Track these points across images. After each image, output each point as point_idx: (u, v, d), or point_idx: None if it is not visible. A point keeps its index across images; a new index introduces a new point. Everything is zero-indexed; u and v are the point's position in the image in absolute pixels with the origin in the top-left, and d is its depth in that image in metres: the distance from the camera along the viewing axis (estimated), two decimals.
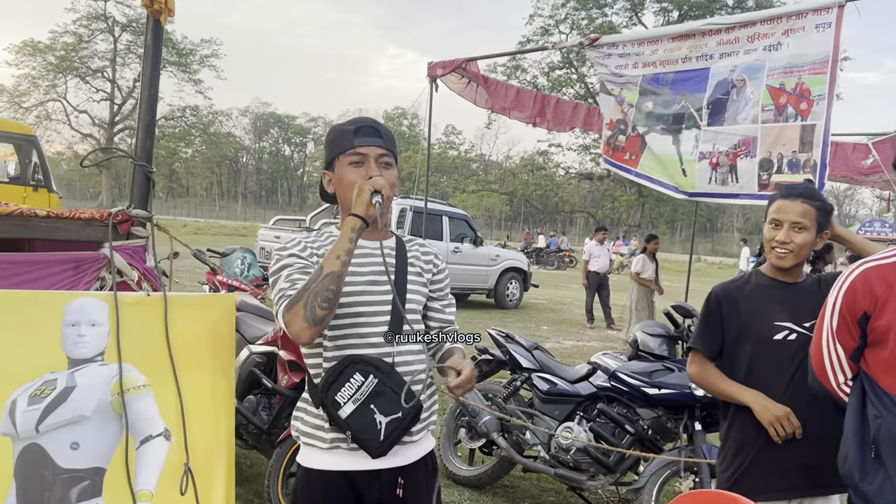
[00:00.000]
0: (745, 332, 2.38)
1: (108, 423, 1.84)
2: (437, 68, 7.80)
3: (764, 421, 2.26)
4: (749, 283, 2.46)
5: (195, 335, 1.98)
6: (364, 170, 1.86)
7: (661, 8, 44.21)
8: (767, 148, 5.43)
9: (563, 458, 4.04)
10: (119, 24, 45.99)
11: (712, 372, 2.45)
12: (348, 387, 1.77)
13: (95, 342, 1.83)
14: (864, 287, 1.89)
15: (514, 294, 14.54)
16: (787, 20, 5.38)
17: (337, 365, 1.80)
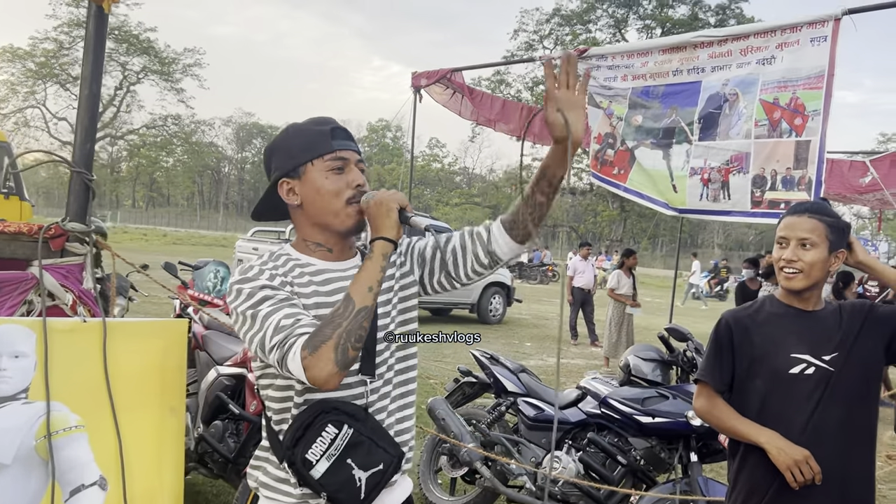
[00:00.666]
0: (758, 365, 2.16)
1: (31, 472, 1.58)
2: (421, 78, 7.61)
3: (780, 465, 2.03)
4: (763, 310, 2.24)
5: (140, 368, 1.73)
6: (346, 176, 1.62)
7: (645, 25, 44.60)
8: (761, 164, 5.27)
9: (550, 489, 3.81)
10: None
11: (722, 407, 2.22)
12: (320, 442, 1.51)
13: (18, 377, 1.58)
14: None
15: (497, 309, 14.33)
16: (782, 33, 5.23)
17: (303, 415, 1.54)
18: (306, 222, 1.66)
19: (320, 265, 1.64)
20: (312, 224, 1.65)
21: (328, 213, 1.61)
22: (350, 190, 1.61)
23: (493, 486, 4.01)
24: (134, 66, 48.31)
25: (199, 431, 3.82)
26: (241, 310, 1.52)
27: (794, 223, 2.16)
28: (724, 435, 2.26)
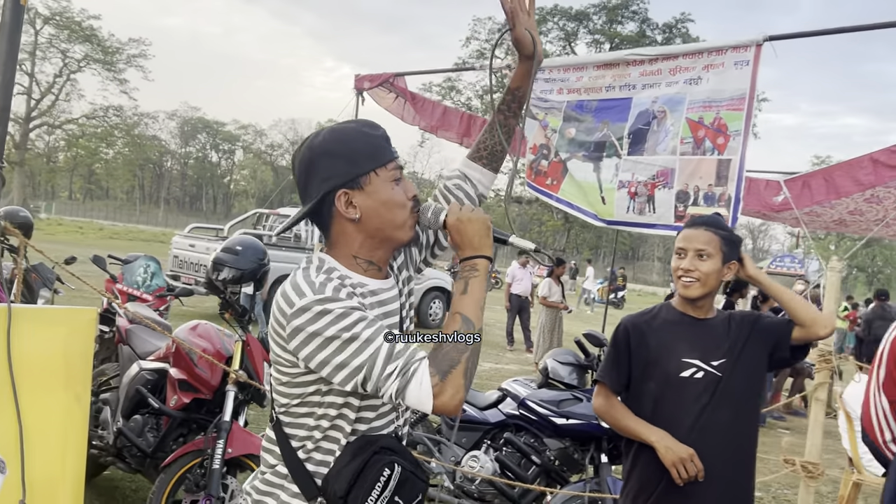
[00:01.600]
0: (652, 368, 2.30)
1: None
2: (364, 81, 7.65)
3: (667, 462, 2.17)
4: (659, 316, 2.39)
5: (45, 354, 1.76)
6: (404, 185, 1.54)
7: (594, 40, 45.46)
8: (685, 180, 5.49)
9: (467, 488, 3.91)
10: (41, 16, 44.18)
11: (618, 407, 2.36)
12: (377, 488, 1.42)
13: None
14: None
15: (436, 314, 14.43)
16: (708, 55, 5.46)
17: (352, 459, 1.44)
18: (361, 237, 1.52)
19: (373, 285, 1.54)
20: (370, 238, 1.53)
21: (394, 225, 1.52)
22: (410, 201, 1.55)
23: None
24: (75, 53, 46.93)
25: (118, 425, 3.80)
26: (329, 333, 1.37)
27: (691, 235, 2.31)
28: (619, 433, 2.39)
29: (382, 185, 1.49)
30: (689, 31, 44.63)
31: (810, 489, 3.63)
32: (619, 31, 44.00)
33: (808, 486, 3.62)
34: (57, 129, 53.21)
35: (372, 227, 1.51)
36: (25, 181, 49.83)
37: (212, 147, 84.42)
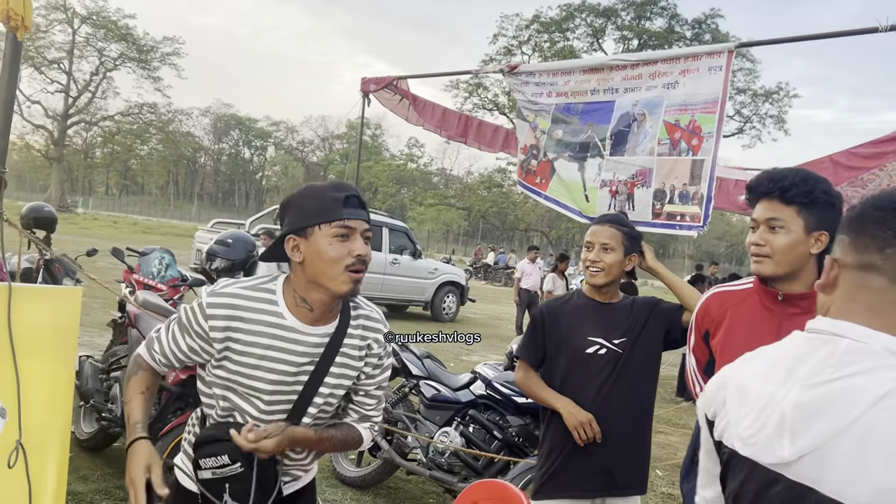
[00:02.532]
0: (562, 345, 2.64)
1: None
2: (370, 84, 8.04)
3: (569, 425, 2.52)
4: (571, 301, 2.74)
5: (38, 324, 2.16)
6: (350, 244, 1.73)
7: (622, 36, 45.26)
8: (662, 179, 5.78)
9: (438, 461, 4.27)
10: (79, 15, 45.40)
11: (534, 379, 2.71)
12: (214, 460, 1.74)
13: None
14: (707, 308, 2.16)
15: (450, 307, 14.80)
16: (685, 61, 5.74)
17: (216, 430, 1.78)
18: (303, 278, 1.76)
19: (291, 322, 1.77)
20: (308, 282, 1.75)
21: (325, 276, 1.72)
22: (350, 258, 1.72)
23: (390, 458, 4.48)
24: (111, 52, 48.12)
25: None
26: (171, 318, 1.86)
27: (597, 231, 2.66)
28: (535, 401, 2.74)
29: (322, 238, 1.72)
30: (718, 27, 44.18)
31: None
32: (647, 27, 43.71)
33: None
34: (94, 125, 54.66)
35: (310, 271, 1.74)
36: (64, 177, 51.25)
37: (244, 143, 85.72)
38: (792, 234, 1.91)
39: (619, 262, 2.62)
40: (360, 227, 1.75)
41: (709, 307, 2.18)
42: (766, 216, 1.95)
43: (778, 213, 1.92)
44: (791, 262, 1.93)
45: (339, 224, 1.71)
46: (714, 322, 2.14)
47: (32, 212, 6.07)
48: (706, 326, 2.18)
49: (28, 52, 44.52)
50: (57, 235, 6.47)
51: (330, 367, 1.82)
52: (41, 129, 48.87)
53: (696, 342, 2.22)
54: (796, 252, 1.92)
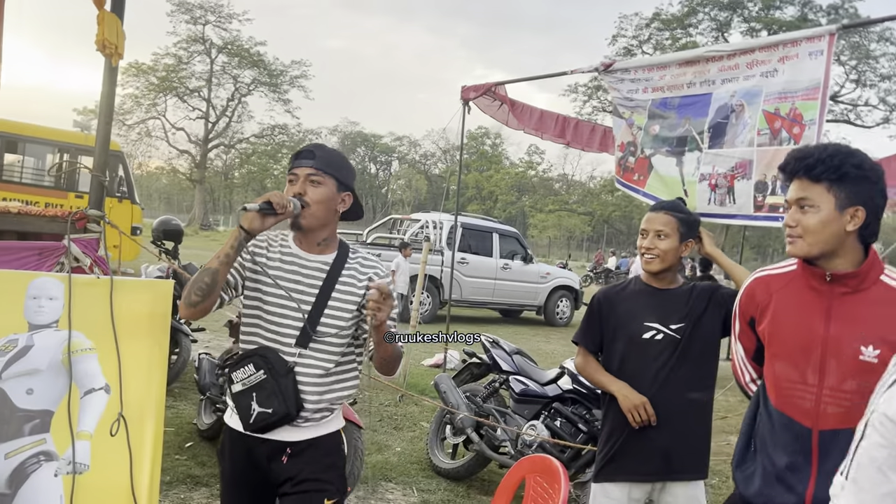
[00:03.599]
0: (619, 331, 2.68)
1: (59, 376, 2.34)
2: (469, 91, 8.24)
3: (623, 408, 2.56)
4: (628, 288, 2.78)
5: (135, 312, 2.47)
6: (294, 186, 2.16)
7: (749, 28, 43.31)
8: (762, 170, 5.60)
9: (526, 453, 4.35)
10: (216, 46, 48.70)
11: (593, 364, 2.77)
12: (242, 372, 2.14)
13: (52, 312, 2.35)
14: (751, 294, 2.10)
15: (564, 312, 14.72)
16: (783, 47, 5.56)
17: (246, 351, 2.18)
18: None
19: (294, 250, 2.23)
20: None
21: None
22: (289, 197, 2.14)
23: (482, 451, 4.61)
24: (245, 78, 51.22)
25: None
26: None
27: (652, 218, 2.70)
28: (595, 386, 2.80)
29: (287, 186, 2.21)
30: (857, 11, 41.31)
31: None
32: (777, 17, 41.55)
33: None
34: (231, 148, 58.25)
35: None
36: (206, 197, 55.00)
37: (370, 159, 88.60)
38: (822, 213, 1.84)
39: (675, 249, 2.63)
40: (302, 173, 2.16)
41: (753, 292, 2.10)
42: (795, 196, 1.89)
43: (806, 192, 1.86)
44: (826, 240, 1.85)
45: (290, 173, 2.19)
46: (759, 308, 2.06)
47: (161, 225, 6.68)
48: (751, 313, 2.10)
49: (172, 84, 48.24)
50: (197, 250, 7.08)
51: (333, 288, 2.19)
52: (185, 153, 52.63)
53: (742, 329, 2.14)
54: (830, 230, 1.84)
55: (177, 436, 5.05)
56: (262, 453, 2.18)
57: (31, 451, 2.30)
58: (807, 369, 1.89)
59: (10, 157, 14.24)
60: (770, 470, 1.95)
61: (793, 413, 1.91)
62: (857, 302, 1.86)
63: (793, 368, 1.92)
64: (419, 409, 6.54)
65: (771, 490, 1.94)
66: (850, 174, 1.83)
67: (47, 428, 2.32)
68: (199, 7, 46.56)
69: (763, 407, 2.04)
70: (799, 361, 1.90)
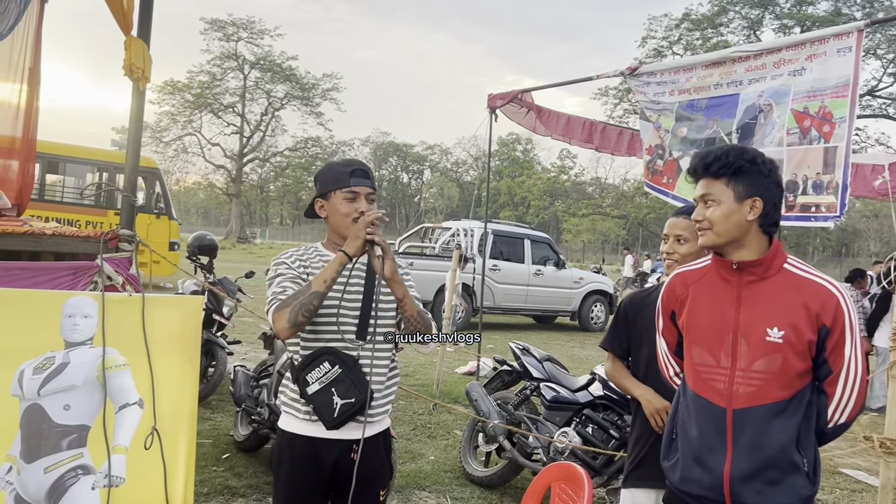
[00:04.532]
0: (644, 336, 2.68)
1: (94, 392, 2.42)
2: (496, 100, 8.26)
3: (646, 412, 2.56)
4: (654, 293, 2.77)
5: (166, 329, 2.54)
6: (356, 205, 2.32)
7: (781, 25, 42.68)
8: (793, 170, 5.53)
9: (558, 460, 4.35)
10: (248, 62, 49.46)
11: (621, 370, 2.77)
12: (317, 371, 2.23)
13: (86, 330, 2.43)
14: (672, 289, 2.22)
15: (598, 317, 14.63)
16: (811, 45, 5.49)
17: (313, 352, 2.25)
18: (330, 229, 2.39)
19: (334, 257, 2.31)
20: (333, 230, 2.38)
21: (342, 226, 2.32)
22: (356, 213, 2.30)
23: (514, 458, 4.62)
24: (277, 92, 51.90)
25: (269, 403, 4.68)
26: (267, 278, 2.32)
27: (673, 223, 2.70)
28: (622, 391, 2.80)
29: (337, 199, 2.33)
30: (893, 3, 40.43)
31: (891, 466, 3.70)
32: (810, 12, 40.88)
33: (888, 464, 3.70)
34: (266, 162, 59.04)
35: (332, 224, 2.37)
36: (242, 210, 55.77)
37: (402, 168, 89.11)
38: (724, 206, 2.00)
39: (695, 253, 2.63)
40: (363, 192, 2.33)
41: (673, 287, 2.21)
42: (699, 193, 2.06)
43: (709, 189, 2.03)
44: (729, 230, 2.00)
45: (349, 189, 2.32)
46: (679, 301, 2.17)
47: (197, 240, 6.82)
48: (671, 307, 2.21)
49: (206, 100, 49.11)
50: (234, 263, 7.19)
51: (376, 282, 2.32)
52: (221, 168, 53.48)
53: (665, 324, 2.25)
54: (732, 221, 1.99)
55: (214, 447, 5.14)
56: (330, 454, 2.27)
57: (70, 465, 2.37)
58: (720, 353, 2.03)
59: (51, 178, 14.67)
60: (688, 453, 2.07)
61: (708, 395, 2.04)
62: (764, 288, 2.02)
63: (708, 353, 2.05)
64: (452, 418, 6.56)
65: (691, 473, 2.05)
66: (744, 168, 2.00)
67: (84, 442, 2.40)
68: (231, 24, 47.41)
69: (682, 395, 2.15)
70: (714, 346, 2.04)
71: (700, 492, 2.03)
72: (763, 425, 1.95)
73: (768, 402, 1.95)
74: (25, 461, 2.32)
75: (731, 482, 1.96)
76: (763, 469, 1.94)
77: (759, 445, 1.94)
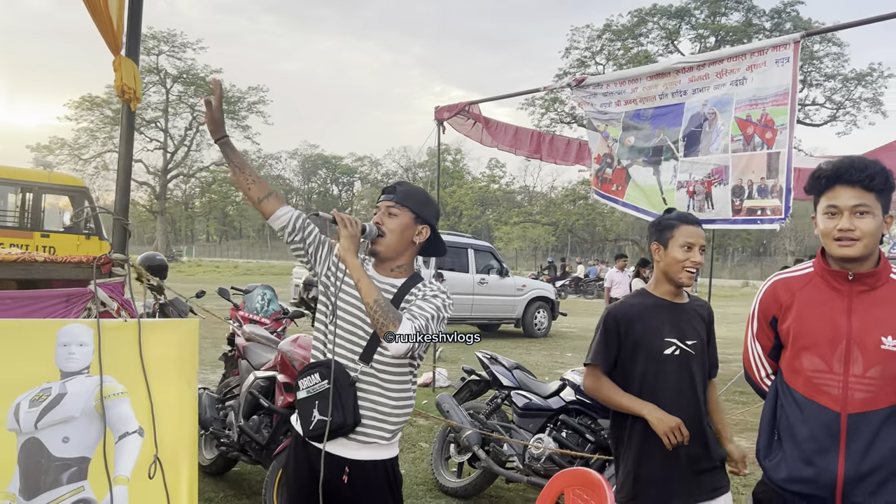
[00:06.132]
0: (638, 348, 2.62)
1: (93, 422, 2.34)
2: (443, 112, 8.35)
3: (659, 431, 2.48)
4: (639, 303, 2.77)
5: (164, 353, 2.48)
6: (377, 217, 2.43)
7: (697, 35, 44.31)
8: (738, 175, 5.78)
9: (534, 466, 4.41)
10: (170, 76, 48.20)
11: (607, 385, 2.66)
12: (308, 380, 2.32)
13: (82, 358, 2.35)
14: (773, 295, 2.27)
15: (542, 323, 14.84)
16: (751, 56, 5.75)
17: (314, 362, 2.36)
18: None
19: (371, 272, 2.41)
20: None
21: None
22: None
23: (489, 467, 4.65)
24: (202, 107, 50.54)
25: (240, 425, 4.59)
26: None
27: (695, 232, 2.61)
28: (610, 407, 2.72)
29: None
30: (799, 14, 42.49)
31: None
32: (723, 23, 42.64)
33: None
34: (191, 177, 57.54)
35: None
36: (167, 228, 54.20)
37: (332, 181, 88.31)
38: (877, 218, 2.06)
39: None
40: (383, 206, 2.42)
41: (776, 293, 2.26)
42: (852, 203, 2.05)
43: (864, 199, 2.05)
44: (875, 243, 2.08)
45: (376, 206, 2.46)
46: (783, 307, 2.22)
47: (146, 261, 6.61)
48: (773, 312, 2.25)
49: None
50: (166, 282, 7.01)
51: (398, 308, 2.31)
52: (144, 185, 51.86)
53: (761, 328, 2.30)
54: (878, 234, 2.07)
55: None
56: (325, 467, 2.27)
57: (70, 499, 2.29)
58: (832, 359, 2.09)
59: None
60: (796, 455, 2.12)
61: (821, 399, 2.10)
62: (875, 298, 2.10)
63: (819, 359, 2.11)
64: (416, 430, 6.56)
65: (800, 473, 2.11)
66: (889, 186, 2.08)
67: (85, 475, 2.31)
68: (151, 38, 46.05)
69: (786, 399, 2.21)
70: (825, 353, 2.10)
71: (810, 491, 2.09)
72: (878, 429, 2.02)
73: (883, 406, 2.03)
74: (25, 498, 2.23)
75: (845, 483, 2.04)
76: (876, 470, 2.02)
77: (873, 448, 2.02)
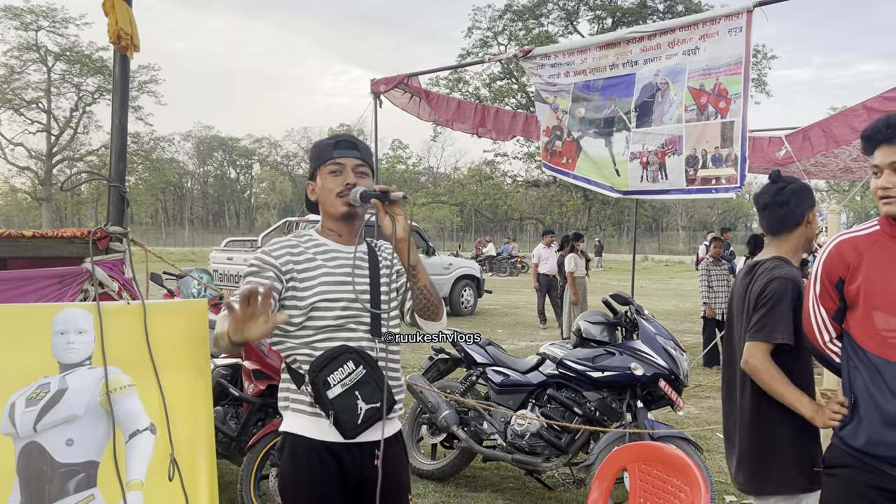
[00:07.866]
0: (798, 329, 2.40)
1: (99, 421, 2.03)
2: (380, 84, 8.03)
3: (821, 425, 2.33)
4: (797, 272, 2.57)
5: (172, 339, 2.18)
6: (342, 178, 2.07)
7: (595, 16, 45.31)
8: (692, 145, 5.81)
9: (518, 443, 4.30)
10: (52, 53, 45.09)
11: (775, 370, 2.43)
12: (340, 372, 1.98)
13: (83, 348, 2.02)
14: (839, 256, 2.17)
15: (468, 301, 14.82)
16: (703, 26, 5.77)
17: (331, 351, 2.00)
18: (322, 212, 2.16)
19: (332, 246, 2.12)
20: (324, 214, 2.14)
21: (327, 204, 2.10)
22: (340, 187, 2.06)
23: (469, 447, 4.50)
24: (88, 86, 47.77)
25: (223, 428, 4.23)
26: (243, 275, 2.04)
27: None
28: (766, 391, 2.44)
29: (322, 177, 2.10)
30: None
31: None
32: (619, 4, 43.78)
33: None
34: (78, 161, 54.22)
35: (322, 205, 2.13)
36: (53, 216, 50.93)
37: (229, 164, 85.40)
38: None
39: None
40: (349, 164, 2.09)
41: (842, 253, 2.17)
42: (889, 160, 2.01)
43: None
44: None
45: (332, 162, 2.08)
46: (850, 268, 2.14)
47: None
48: (839, 273, 2.17)
49: (5, 95, 44.26)
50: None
51: (380, 272, 2.15)
52: (26, 170, 48.52)
53: (824, 290, 2.21)
54: None
55: None
56: (354, 460, 2.05)
57: None
58: None
59: None
60: (877, 417, 2.05)
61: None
62: None
63: (894, 318, 2.04)
64: None
65: (883, 437, 2.04)
66: None
67: (94, 482, 2.00)
68: (29, 12, 42.87)
69: (860, 360, 2.12)
70: None
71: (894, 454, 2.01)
72: None
73: None
74: None
75: None
76: None
77: None
